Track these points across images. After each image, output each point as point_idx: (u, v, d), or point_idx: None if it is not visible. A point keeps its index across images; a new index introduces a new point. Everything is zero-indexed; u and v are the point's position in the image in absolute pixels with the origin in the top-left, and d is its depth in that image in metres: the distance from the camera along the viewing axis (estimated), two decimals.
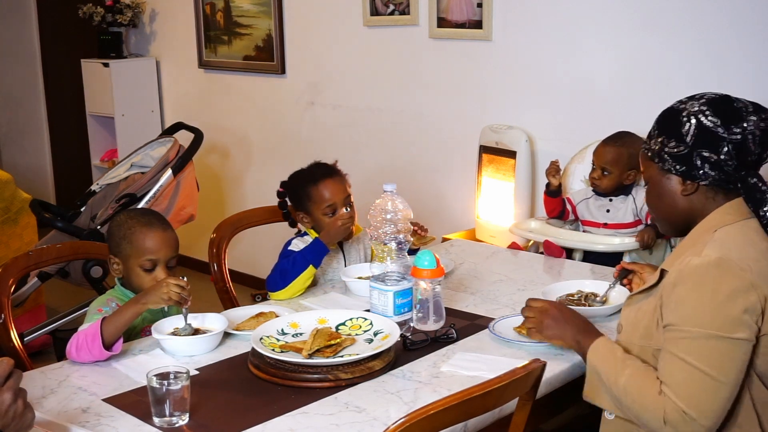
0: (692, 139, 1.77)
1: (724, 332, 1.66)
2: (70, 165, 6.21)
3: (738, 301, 1.67)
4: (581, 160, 3.36)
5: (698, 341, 1.67)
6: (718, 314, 1.67)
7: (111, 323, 2.01)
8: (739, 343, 1.66)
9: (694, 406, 1.65)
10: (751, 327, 1.67)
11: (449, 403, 1.47)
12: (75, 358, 2.02)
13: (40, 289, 3.97)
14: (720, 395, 1.67)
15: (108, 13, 5.29)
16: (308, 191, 2.62)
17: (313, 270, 2.50)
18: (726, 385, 1.66)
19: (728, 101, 1.80)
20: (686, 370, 1.67)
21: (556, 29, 3.58)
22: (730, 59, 3.14)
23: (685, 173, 1.80)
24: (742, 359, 1.67)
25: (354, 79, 4.41)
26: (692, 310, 1.69)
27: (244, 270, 4.88)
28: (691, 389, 1.66)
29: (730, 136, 1.75)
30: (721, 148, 1.76)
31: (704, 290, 1.68)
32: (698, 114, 1.78)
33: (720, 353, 1.66)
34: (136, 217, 2.27)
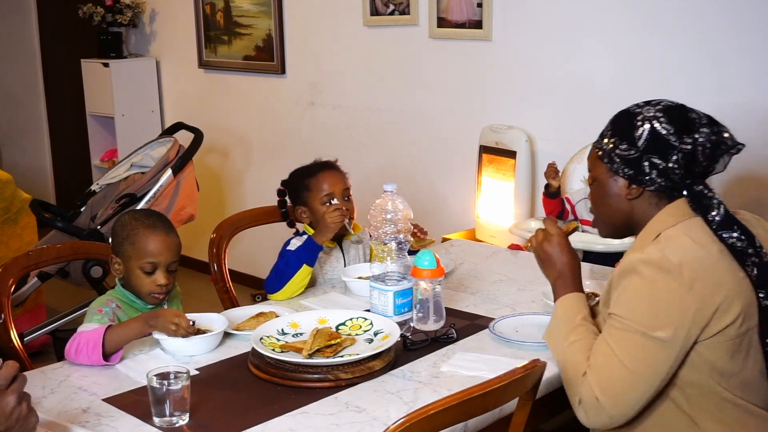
0: (644, 144, 1.79)
1: (650, 330, 1.69)
2: (70, 165, 6.21)
3: (671, 302, 1.69)
4: (581, 160, 3.35)
5: (626, 333, 1.72)
6: (649, 312, 1.70)
7: (115, 335, 2.01)
8: (660, 342, 1.69)
9: (608, 394, 1.71)
10: (679, 329, 1.68)
11: (449, 403, 1.47)
12: (73, 359, 2.02)
13: (40, 289, 3.97)
14: (635, 389, 1.71)
15: (108, 13, 5.29)
16: (306, 182, 2.63)
17: (308, 269, 2.50)
18: (642, 381, 1.70)
19: (684, 111, 1.83)
20: (609, 358, 1.72)
21: (556, 29, 3.58)
22: (730, 59, 3.14)
23: (632, 177, 1.82)
24: (663, 360, 1.70)
25: (354, 79, 4.41)
26: (628, 303, 1.74)
27: (244, 270, 4.88)
28: (610, 379, 1.72)
29: (681, 146, 1.77)
30: (671, 157, 1.78)
31: (641, 285, 1.72)
32: (653, 120, 1.79)
33: (643, 349, 1.70)
34: (141, 219, 2.25)
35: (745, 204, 3.14)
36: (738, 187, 3.16)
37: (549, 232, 2.00)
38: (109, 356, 2.00)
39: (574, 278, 1.96)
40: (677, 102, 1.85)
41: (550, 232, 2.00)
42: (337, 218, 2.50)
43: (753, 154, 3.12)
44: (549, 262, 1.99)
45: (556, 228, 2.00)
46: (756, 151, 3.12)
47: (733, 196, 3.16)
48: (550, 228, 2.00)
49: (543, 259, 2.00)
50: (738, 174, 3.13)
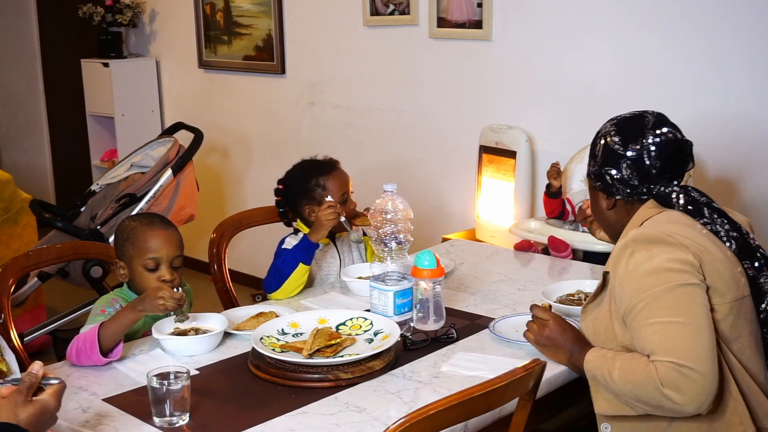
0: (600, 159, 1.94)
1: (677, 281, 1.72)
2: (70, 165, 6.21)
3: (672, 256, 1.74)
4: (581, 160, 3.35)
5: (658, 300, 1.73)
6: (661, 272, 1.74)
7: (108, 329, 2.00)
8: (695, 287, 1.73)
9: (684, 354, 1.67)
10: (695, 274, 1.74)
11: (449, 403, 1.47)
12: (75, 362, 2.02)
13: (40, 289, 3.96)
14: (702, 339, 1.70)
15: (108, 13, 5.29)
16: (322, 182, 2.62)
17: (305, 268, 2.50)
18: (700, 327, 1.70)
19: (636, 119, 1.93)
20: (662, 329, 1.72)
21: (557, 29, 3.58)
22: (730, 59, 3.14)
23: (603, 189, 1.96)
24: (703, 302, 1.73)
25: (354, 79, 4.41)
26: (639, 280, 1.76)
27: (244, 270, 4.88)
28: (674, 341, 1.69)
29: (627, 153, 1.89)
30: (621, 166, 1.90)
31: (640, 259, 1.76)
32: (606, 135, 1.95)
33: (684, 299, 1.72)
34: (139, 219, 2.27)
35: (745, 203, 3.14)
36: (739, 185, 3.16)
37: (542, 318, 2.00)
38: (108, 352, 2.00)
39: (583, 344, 1.93)
40: (638, 112, 1.95)
41: (543, 319, 2.00)
42: (331, 216, 2.50)
43: (753, 153, 3.12)
44: (555, 347, 1.97)
45: (548, 313, 2.01)
46: (756, 151, 3.12)
47: (733, 195, 3.16)
48: (542, 315, 2.01)
49: (548, 346, 1.98)
50: (739, 173, 3.12)
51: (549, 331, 1.97)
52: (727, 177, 3.16)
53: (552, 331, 1.97)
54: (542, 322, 2.00)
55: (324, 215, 2.49)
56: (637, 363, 1.73)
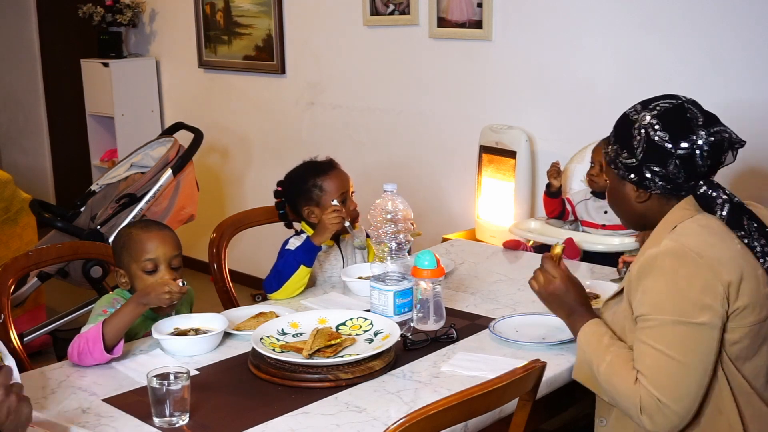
0: (641, 153, 1.81)
1: (686, 317, 1.69)
2: (70, 165, 6.21)
3: (697, 286, 1.69)
4: (581, 160, 3.36)
5: (664, 328, 1.70)
6: (679, 300, 1.70)
7: (111, 325, 2.00)
8: (702, 327, 1.69)
9: (667, 392, 1.68)
10: (714, 310, 1.69)
11: (449, 403, 1.47)
12: (77, 362, 2.01)
13: (40, 289, 3.96)
14: (690, 380, 1.69)
15: (108, 13, 5.29)
16: (318, 182, 2.62)
17: (306, 270, 2.50)
18: (694, 369, 1.69)
19: (680, 112, 1.81)
20: (656, 357, 1.70)
21: (557, 29, 3.58)
22: (730, 59, 3.14)
23: (637, 183, 1.85)
24: (707, 343, 1.70)
25: (354, 79, 4.41)
26: (656, 298, 1.73)
27: (244, 270, 4.88)
28: (662, 376, 1.69)
29: (678, 151, 1.78)
30: (669, 163, 1.79)
31: (664, 278, 1.72)
32: (648, 128, 1.80)
33: (685, 338, 1.69)
34: (134, 225, 2.29)
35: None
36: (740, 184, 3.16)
37: (550, 273, 1.99)
38: (111, 349, 2.00)
39: (586, 308, 1.94)
40: (676, 101, 1.84)
41: (552, 274, 1.98)
42: (336, 220, 2.50)
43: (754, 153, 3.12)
44: (557, 302, 1.97)
45: (557, 269, 1.99)
46: (757, 150, 3.12)
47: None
48: (550, 269, 1.99)
49: (550, 301, 1.99)
50: (739, 172, 3.12)
51: (554, 287, 1.97)
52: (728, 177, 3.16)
53: (557, 288, 1.96)
54: (549, 277, 1.98)
55: (328, 218, 2.49)
56: (626, 374, 1.74)
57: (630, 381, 1.72)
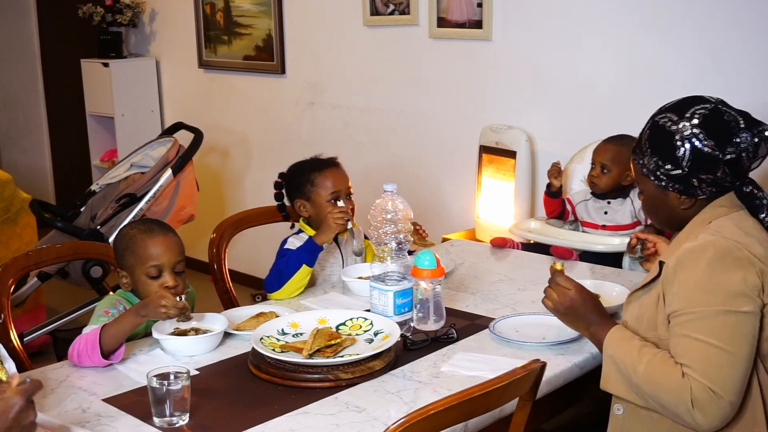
0: (689, 164, 1.80)
1: (731, 306, 1.69)
2: (70, 165, 6.21)
3: (737, 276, 1.70)
4: (581, 161, 3.36)
5: (708, 319, 1.70)
6: (720, 290, 1.70)
7: (110, 332, 2.00)
8: (746, 315, 1.70)
9: (719, 382, 1.68)
10: (754, 300, 1.70)
11: (449, 403, 1.47)
12: (77, 363, 2.02)
13: (40, 289, 3.96)
14: (739, 369, 1.70)
15: (108, 13, 5.29)
16: (312, 177, 2.63)
17: (308, 269, 2.50)
18: (741, 358, 1.70)
19: (718, 117, 1.80)
20: (704, 349, 1.69)
21: (557, 29, 3.58)
22: (730, 59, 3.14)
23: (683, 191, 1.84)
24: (751, 332, 1.71)
25: (354, 79, 4.41)
26: (695, 291, 1.72)
27: (244, 270, 4.88)
28: (713, 366, 1.69)
29: (725, 157, 1.78)
30: (718, 169, 1.79)
31: (703, 270, 1.72)
32: (692, 138, 1.79)
33: (730, 327, 1.69)
34: (137, 226, 2.25)
35: None
36: None
37: (564, 286, 1.98)
38: (109, 355, 2.00)
39: (604, 316, 1.93)
40: (709, 103, 1.83)
41: (565, 286, 1.97)
42: (341, 221, 2.50)
43: None
44: (575, 315, 1.96)
45: (569, 281, 1.98)
46: None
47: None
48: (563, 282, 1.98)
49: (567, 314, 1.98)
50: None
51: (570, 300, 1.95)
52: None
53: (573, 300, 1.95)
54: (563, 291, 1.97)
55: (333, 218, 2.49)
56: (671, 370, 1.72)
57: (677, 376, 1.71)
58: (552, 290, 2.00)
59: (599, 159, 3.05)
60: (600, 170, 3.05)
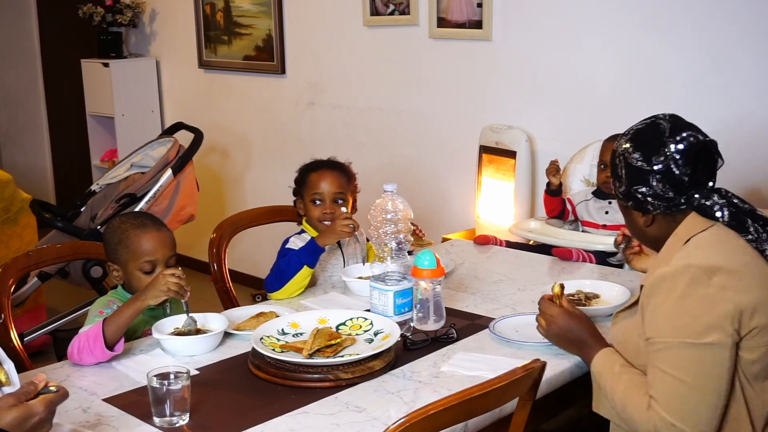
0: (626, 179, 1.84)
1: (695, 338, 1.65)
2: (70, 165, 6.21)
3: (704, 306, 1.66)
4: (581, 160, 3.36)
5: (673, 350, 1.68)
6: (686, 321, 1.67)
7: (112, 322, 2.01)
8: (711, 347, 1.65)
9: (681, 417, 1.65)
10: (724, 329, 1.65)
11: (449, 403, 1.47)
12: (77, 361, 2.02)
13: (40, 289, 3.96)
14: (704, 403, 1.66)
15: (108, 13, 5.29)
16: (304, 176, 2.67)
17: (308, 270, 2.50)
18: (707, 392, 1.65)
19: (651, 129, 1.82)
20: (667, 381, 1.68)
21: (557, 29, 3.58)
22: (730, 59, 3.14)
23: (637, 208, 1.85)
24: (719, 364, 1.66)
25: (354, 79, 4.41)
26: (664, 320, 1.70)
27: (244, 270, 4.88)
28: (675, 400, 1.66)
29: (653, 167, 1.79)
30: (650, 182, 1.80)
31: (673, 298, 1.69)
32: (624, 153, 1.83)
33: (694, 360, 1.66)
34: (129, 221, 2.26)
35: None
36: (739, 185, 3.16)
37: (549, 313, 1.99)
38: (112, 346, 2.01)
39: (595, 339, 1.93)
40: (654, 118, 1.84)
41: (550, 314, 1.99)
42: (348, 229, 2.49)
43: (755, 153, 3.12)
44: (565, 340, 1.98)
45: (553, 307, 1.99)
46: (758, 151, 3.12)
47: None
48: (547, 309, 2.00)
49: (558, 341, 1.99)
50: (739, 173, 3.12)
51: (556, 327, 1.97)
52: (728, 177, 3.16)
53: (559, 327, 1.97)
54: (549, 318, 1.99)
55: (340, 225, 2.49)
56: (639, 399, 1.72)
57: (643, 407, 1.70)
58: (541, 318, 2.02)
59: (606, 159, 3.05)
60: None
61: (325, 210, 2.60)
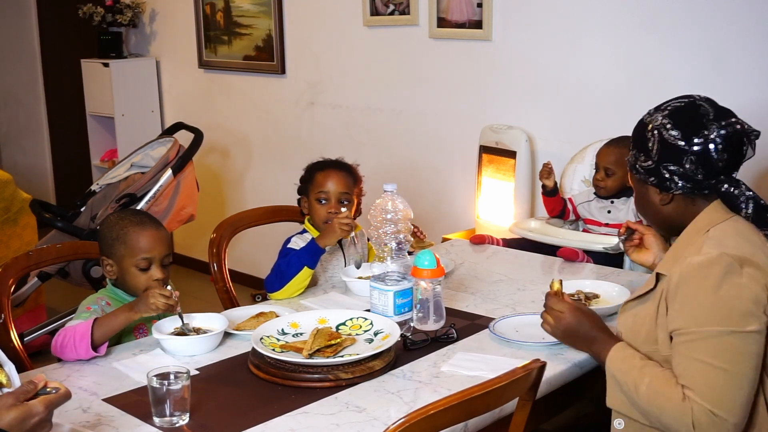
0: (657, 154, 1.82)
1: (735, 326, 1.67)
2: (70, 165, 6.21)
3: (743, 294, 1.68)
4: (581, 161, 3.36)
5: (712, 340, 1.68)
6: (725, 310, 1.68)
7: (102, 326, 2.03)
8: (752, 335, 1.67)
9: (721, 405, 1.66)
10: (760, 318, 1.68)
11: (449, 403, 1.47)
12: (58, 354, 2.04)
13: (40, 289, 3.97)
14: (742, 390, 1.67)
15: (108, 13, 5.29)
16: (311, 175, 2.67)
17: (309, 271, 2.50)
18: (746, 379, 1.67)
19: (692, 109, 1.81)
20: (706, 371, 1.67)
21: (557, 29, 3.58)
22: (730, 59, 3.14)
23: (658, 185, 1.85)
24: (756, 351, 1.68)
25: (354, 79, 4.41)
26: (699, 310, 1.70)
27: (244, 270, 4.88)
28: (714, 388, 1.67)
29: (692, 148, 1.77)
30: (684, 161, 1.78)
31: (708, 287, 1.69)
32: (660, 128, 1.81)
33: (735, 348, 1.67)
34: (128, 218, 2.27)
35: None
36: None
37: (557, 309, 1.96)
38: (96, 347, 2.02)
39: (606, 334, 1.91)
40: (688, 99, 1.83)
41: (559, 310, 1.96)
42: (346, 227, 2.49)
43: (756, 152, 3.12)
44: (574, 336, 1.95)
45: (562, 303, 1.97)
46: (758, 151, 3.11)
47: None
48: (555, 305, 1.97)
49: (567, 337, 1.97)
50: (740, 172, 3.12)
51: (566, 323, 1.94)
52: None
53: (568, 323, 1.94)
54: (557, 314, 1.96)
55: (339, 224, 2.49)
56: (671, 391, 1.71)
57: (677, 399, 1.69)
58: (547, 315, 1.99)
59: (602, 163, 3.05)
60: (604, 174, 3.05)
61: (330, 209, 2.60)
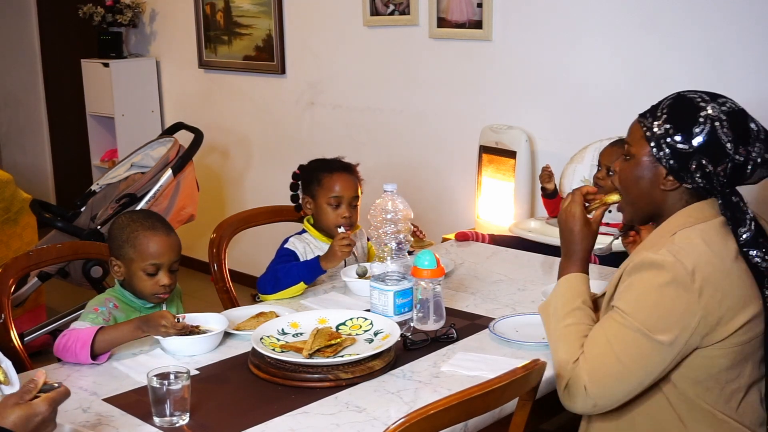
0: (699, 144, 1.72)
1: (650, 331, 1.69)
2: (70, 165, 6.21)
3: (677, 309, 1.68)
4: (580, 161, 3.35)
5: (626, 330, 1.72)
6: (654, 314, 1.70)
7: (107, 336, 2.02)
8: (660, 346, 1.69)
9: (597, 384, 1.72)
10: (682, 335, 1.68)
11: (449, 403, 1.47)
12: (60, 356, 2.03)
13: (40, 289, 3.97)
14: (624, 385, 1.73)
15: (108, 13, 5.29)
16: (320, 176, 2.64)
17: (304, 286, 2.50)
18: (635, 377, 1.72)
19: (743, 120, 1.76)
20: (606, 352, 1.73)
21: (556, 29, 3.58)
22: (730, 59, 3.14)
23: (674, 170, 1.75)
24: (658, 361, 1.71)
25: (354, 79, 4.41)
26: (633, 301, 1.73)
27: (244, 270, 4.87)
28: (602, 370, 1.73)
29: (735, 156, 1.72)
30: (721, 164, 1.73)
31: (653, 285, 1.71)
32: (716, 121, 1.72)
33: (640, 349, 1.70)
34: (140, 221, 2.25)
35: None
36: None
37: (570, 210, 1.96)
38: (97, 356, 2.01)
39: (584, 259, 1.96)
40: (741, 109, 1.78)
41: (572, 211, 1.96)
42: (345, 249, 2.47)
43: None
44: (567, 232, 1.98)
45: (578, 207, 1.97)
46: None
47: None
48: (572, 206, 1.97)
49: (562, 228, 1.99)
50: None
51: (571, 224, 1.96)
52: None
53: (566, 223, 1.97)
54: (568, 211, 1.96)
55: (338, 245, 2.47)
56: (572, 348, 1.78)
57: (572, 357, 1.77)
58: (570, 202, 1.98)
59: (606, 162, 3.05)
60: (606, 172, 3.05)
61: (343, 215, 2.58)
